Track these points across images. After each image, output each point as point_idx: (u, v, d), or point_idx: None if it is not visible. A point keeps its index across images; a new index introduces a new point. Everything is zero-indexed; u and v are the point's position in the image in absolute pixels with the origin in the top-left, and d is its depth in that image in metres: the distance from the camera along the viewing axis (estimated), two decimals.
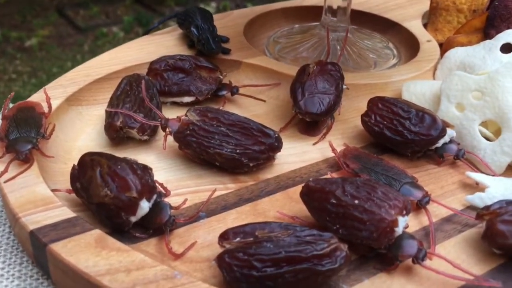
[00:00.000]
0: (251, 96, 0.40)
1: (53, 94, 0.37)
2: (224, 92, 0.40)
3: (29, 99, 0.36)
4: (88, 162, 0.29)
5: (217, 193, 0.32)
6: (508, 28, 0.43)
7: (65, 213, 0.27)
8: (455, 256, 0.28)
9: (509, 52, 0.40)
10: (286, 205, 0.31)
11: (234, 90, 0.40)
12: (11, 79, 1.88)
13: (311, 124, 0.38)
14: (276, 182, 0.33)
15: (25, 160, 0.30)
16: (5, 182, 0.29)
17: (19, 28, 2.20)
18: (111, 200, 0.27)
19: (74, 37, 2.19)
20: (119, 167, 0.28)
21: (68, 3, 2.45)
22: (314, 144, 0.37)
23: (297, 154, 0.36)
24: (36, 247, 0.26)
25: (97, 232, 0.26)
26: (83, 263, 0.24)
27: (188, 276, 0.24)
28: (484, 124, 0.36)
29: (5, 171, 0.29)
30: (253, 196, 0.32)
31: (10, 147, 0.30)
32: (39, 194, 0.28)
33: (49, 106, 0.35)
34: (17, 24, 2.25)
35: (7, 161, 0.30)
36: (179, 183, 0.33)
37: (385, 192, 0.27)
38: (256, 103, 0.41)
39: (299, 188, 0.30)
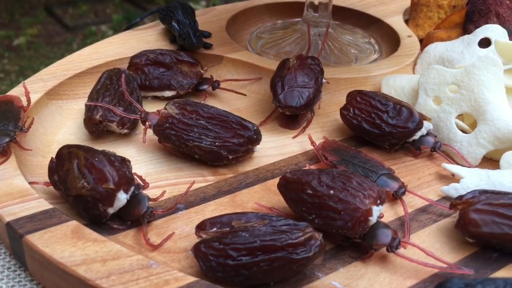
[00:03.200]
0: (232, 90, 0.40)
1: (33, 88, 0.37)
2: (205, 87, 0.40)
3: (8, 93, 0.35)
4: (65, 154, 0.29)
5: (196, 186, 0.32)
6: (487, 23, 0.43)
7: (42, 205, 0.27)
8: (429, 245, 0.29)
9: (487, 46, 0.41)
10: (264, 197, 0.32)
11: (215, 85, 0.40)
12: None
13: (291, 117, 0.38)
14: (255, 174, 0.33)
15: (2, 153, 0.30)
16: None
17: (7, 27, 2.19)
18: (88, 192, 0.27)
19: (62, 36, 2.17)
20: (96, 159, 0.28)
21: (57, 2, 2.43)
22: (294, 137, 0.37)
23: (277, 147, 0.36)
24: (13, 239, 0.26)
25: (73, 223, 0.26)
26: (59, 253, 0.24)
27: (164, 266, 0.24)
28: (460, 117, 0.36)
29: None
30: (232, 188, 0.32)
31: None
32: (16, 187, 0.28)
33: (28, 100, 0.35)
34: (5, 22, 2.23)
35: None
36: (158, 175, 0.33)
37: (360, 182, 0.27)
38: (237, 97, 0.41)
39: (277, 180, 0.31)
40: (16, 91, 0.36)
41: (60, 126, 0.37)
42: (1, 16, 2.27)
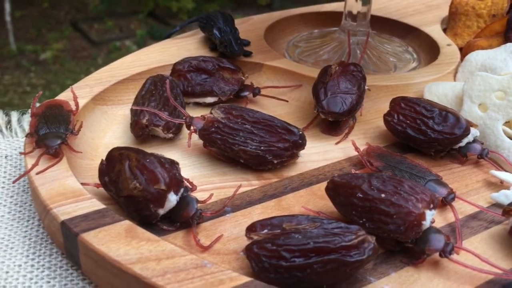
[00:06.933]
0: (273, 97, 0.41)
1: (80, 93, 0.37)
2: (246, 93, 0.41)
3: (56, 98, 0.36)
4: (116, 156, 0.30)
5: (241, 189, 0.32)
6: None
7: (95, 204, 0.28)
8: (482, 251, 0.28)
9: None
10: (310, 201, 0.32)
11: (256, 91, 0.41)
12: (25, 92, 1.91)
13: (333, 124, 0.38)
14: (299, 179, 0.33)
15: (55, 154, 0.31)
16: (36, 174, 0.29)
17: (34, 42, 2.24)
18: (140, 193, 0.28)
19: (88, 51, 2.22)
20: (147, 160, 0.28)
21: (83, 17, 2.49)
22: (336, 143, 0.37)
23: (320, 153, 0.36)
24: (67, 238, 0.27)
25: (126, 223, 0.27)
26: (114, 252, 0.25)
27: (218, 265, 0.24)
28: (507, 124, 0.36)
29: (36, 164, 0.30)
30: (278, 192, 0.32)
31: (40, 142, 0.31)
32: (69, 187, 0.29)
33: (76, 104, 0.36)
34: (32, 37, 2.29)
35: (37, 156, 0.31)
36: (204, 179, 0.33)
37: (412, 186, 0.27)
38: (277, 104, 0.41)
39: (322, 185, 0.31)
40: (64, 96, 0.37)
41: (106, 130, 0.37)
42: (28, 31, 2.33)
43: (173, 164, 0.30)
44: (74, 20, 2.46)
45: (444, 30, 0.50)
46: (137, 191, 0.28)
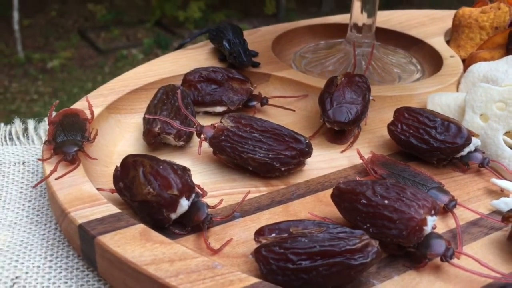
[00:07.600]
0: (280, 106, 0.42)
1: (94, 102, 0.39)
2: (254, 103, 0.42)
3: (72, 107, 0.38)
4: (130, 163, 0.31)
5: (250, 196, 0.33)
6: None
7: (111, 209, 0.29)
8: (482, 256, 0.29)
9: None
10: (316, 207, 0.33)
11: (264, 101, 0.42)
12: (32, 100, 1.94)
13: (338, 133, 0.39)
14: (306, 186, 0.35)
15: (72, 161, 0.32)
16: (55, 179, 0.31)
17: (41, 50, 2.27)
18: (154, 198, 0.29)
19: (95, 59, 2.25)
20: (161, 167, 0.30)
21: (90, 26, 2.53)
22: (342, 152, 0.38)
23: (326, 161, 0.37)
24: (84, 240, 0.28)
25: (141, 226, 0.28)
26: (129, 253, 0.26)
27: (228, 267, 0.26)
28: (508, 134, 0.37)
29: (55, 170, 0.31)
30: (285, 198, 0.33)
31: (58, 149, 0.33)
32: (85, 192, 0.30)
33: (92, 113, 0.37)
34: (40, 46, 2.32)
35: (54, 163, 0.32)
36: (213, 185, 0.34)
37: (414, 193, 0.28)
38: (284, 114, 0.42)
39: (328, 192, 0.32)
40: (80, 105, 0.38)
41: (119, 138, 0.39)
42: (36, 40, 2.36)
43: (185, 170, 0.31)
44: (81, 29, 2.50)
45: (448, 42, 0.52)
46: (151, 196, 0.29)
